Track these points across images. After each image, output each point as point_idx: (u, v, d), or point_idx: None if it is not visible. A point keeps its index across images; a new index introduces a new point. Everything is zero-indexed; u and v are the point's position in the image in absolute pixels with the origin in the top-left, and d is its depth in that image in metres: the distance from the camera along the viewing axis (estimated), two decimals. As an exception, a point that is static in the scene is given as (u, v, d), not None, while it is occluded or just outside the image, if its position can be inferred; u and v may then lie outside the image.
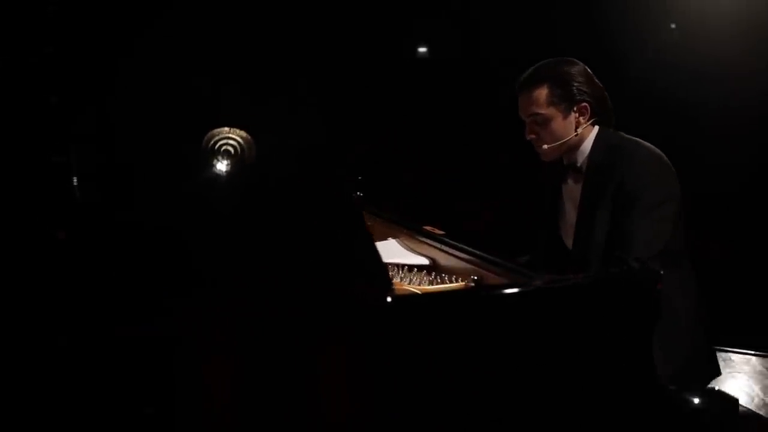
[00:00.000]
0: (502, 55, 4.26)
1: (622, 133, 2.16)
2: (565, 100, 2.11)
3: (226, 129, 1.58)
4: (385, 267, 1.45)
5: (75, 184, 1.37)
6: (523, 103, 2.16)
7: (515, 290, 1.42)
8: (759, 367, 3.01)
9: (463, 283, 1.88)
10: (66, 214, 1.35)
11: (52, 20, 1.55)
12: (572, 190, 2.20)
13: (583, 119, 2.13)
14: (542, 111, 2.11)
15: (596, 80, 2.16)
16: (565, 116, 2.12)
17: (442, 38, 4.95)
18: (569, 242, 2.19)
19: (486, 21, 4.69)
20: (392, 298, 1.39)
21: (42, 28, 1.53)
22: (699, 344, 2.14)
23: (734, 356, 3.09)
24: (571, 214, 2.20)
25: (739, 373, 3.00)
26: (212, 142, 1.57)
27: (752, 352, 3.12)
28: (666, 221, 1.99)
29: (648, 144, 2.09)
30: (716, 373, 2.19)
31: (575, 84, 2.10)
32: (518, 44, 4.28)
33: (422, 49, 5.33)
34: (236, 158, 1.57)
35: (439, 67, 4.81)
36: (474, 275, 1.89)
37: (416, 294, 1.59)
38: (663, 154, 2.07)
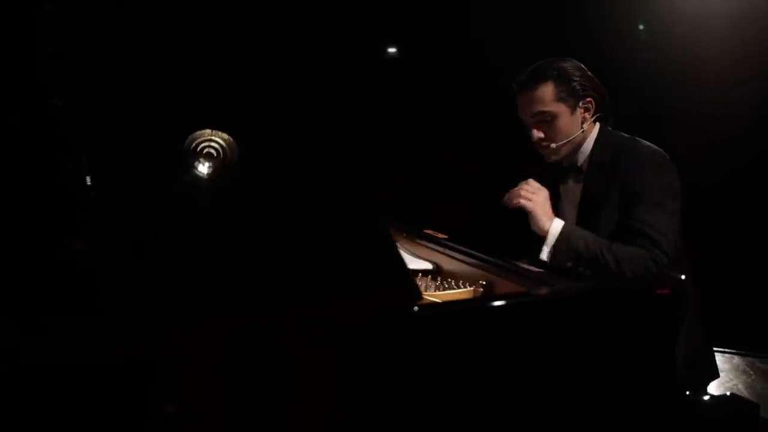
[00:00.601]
0: (471, 55, 4.25)
1: (622, 133, 2.14)
2: (572, 95, 2.08)
3: (208, 131, 1.53)
4: (409, 272, 1.40)
5: (89, 185, 1.29)
6: (525, 103, 2.12)
7: (555, 295, 1.40)
8: (742, 366, 3.05)
9: (472, 288, 1.84)
10: (81, 222, 1.27)
11: (51, 19, 1.47)
12: (572, 190, 2.17)
13: (589, 115, 2.11)
14: (549, 108, 2.08)
15: (594, 76, 2.14)
16: (572, 112, 2.09)
17: (412, 38, 4.92)
18: None
19: (454, 21, 4.67)
20: (419, 308, 1.34)
21: (43, 27, 1.45)
22: (697, 344, 2.13)
23: (717, 356, 3.12)
24: (571, 215, 2.17)
25: (721, 372, 3.03)
26: (194, 144, 1.52)
27: (734, 351, 3.16)
28: (675, 216, 1.98)
29: (649, 143, 2.08)
30: (715, 374, 2.19)
31: (577, 79, 2.08)
32: (484, 44, 4.27)
33: (392, 49, 5.28)
34: (218, 161, 1.53)
35: (411, 67, 4.77)
36: (482, 280, 1.85)
37: (439, 302, 1.54)
38: (664, 152, 2.06)
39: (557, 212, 2.20)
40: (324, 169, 1.55)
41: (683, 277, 1.56)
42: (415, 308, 1.33)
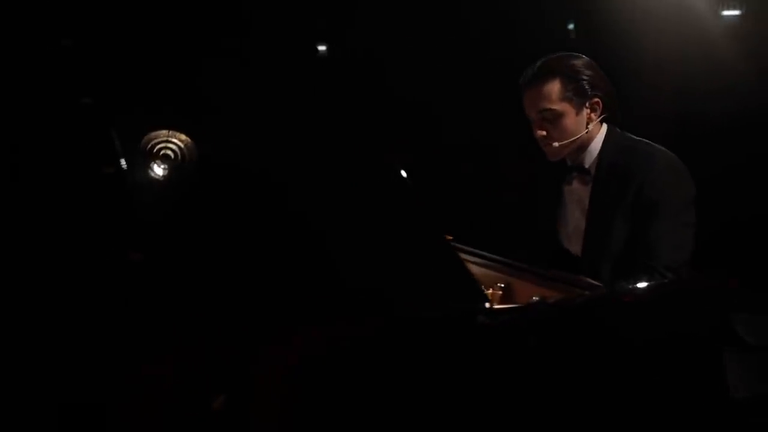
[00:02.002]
0: (402, 53, 4.21)
1: (630, 134, 2.11)
2: (578, 95, 2.03)
3: (165, 132, 1.46)
4: (473, 277, 1.35)
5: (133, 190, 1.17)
6: (531, 99, 2.06)
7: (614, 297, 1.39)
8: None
9: (490, 291, 1.80)
10: (135, 231, 1.15)
11: (62, 5, 1.33)
12: (577, 192, 2.12)
13: (595, 115, 2.07)
14: (554, 106, 2.02)
15: (604, 75, 2.09)
16: (578, 112, 2.04)
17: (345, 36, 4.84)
18: (573, 246, 2.13)
19: (386, 19, 4.62)
20: (486, 316, 1.29)
21: (53, 15, 1.31)
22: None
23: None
24: (575, 217, 2.13)
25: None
26: (150, 145, 1.45)
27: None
28: (691, 226, 1.97)
29: (661, 147, 2.05)
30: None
31: (586, 78, 2.03)
32: (417, 42, 4.24)
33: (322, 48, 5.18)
34: (176, 163, 1.47)
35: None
36: (499, 282, 1.82)
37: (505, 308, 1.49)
38: (677, 156, 2.03)
39: (561, 215, 2.17)
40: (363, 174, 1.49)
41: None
42: (481, 318, 1.29)
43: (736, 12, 4.46)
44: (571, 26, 5.20)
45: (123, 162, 1.23)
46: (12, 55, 1.19)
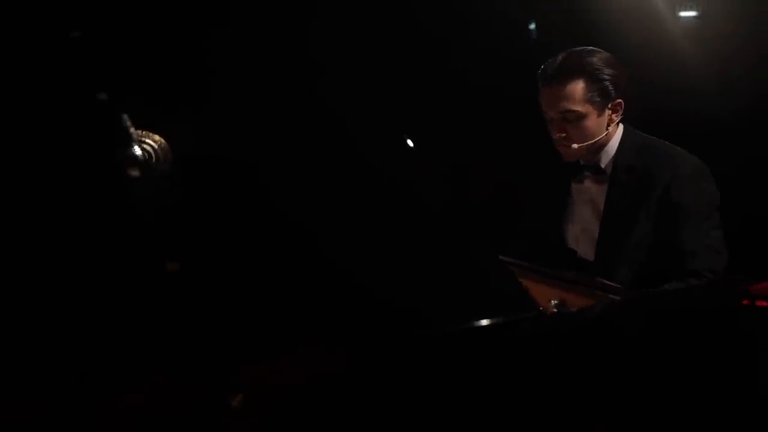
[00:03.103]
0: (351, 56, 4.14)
1: (645, 134, 2.07)
2: (602, 96, 1.96)
3: (138, 132, 1.37)
4: (519, 284, 1.29)
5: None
6: (552, 98, 1.97)
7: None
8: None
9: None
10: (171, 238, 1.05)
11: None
12: (590, 191, 2.07)
13: (616, 116, 2.01)
14: (577, 108, 1.95)
15: (625, 71, 2.02)
16: (600, 113, 1.98)
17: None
18: (581, 247, 2.09)
19: (336, 20, 4.55)
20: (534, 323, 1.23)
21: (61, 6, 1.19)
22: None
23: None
24: (585, 216, 2.08)
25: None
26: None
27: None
28: (721, 228, 1.94)
29: (681, 148, 2.02)
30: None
31: (610, 78, 1.96)
32: (371, 43, 4.19)
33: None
34: (150, 165, 1.38)
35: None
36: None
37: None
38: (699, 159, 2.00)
39: (567, 213, 2.12)
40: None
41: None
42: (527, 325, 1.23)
43: (693, 13, 4.53)
44: (532, 26, 5.22)
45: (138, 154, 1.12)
46: (20, 50, 1.07)
